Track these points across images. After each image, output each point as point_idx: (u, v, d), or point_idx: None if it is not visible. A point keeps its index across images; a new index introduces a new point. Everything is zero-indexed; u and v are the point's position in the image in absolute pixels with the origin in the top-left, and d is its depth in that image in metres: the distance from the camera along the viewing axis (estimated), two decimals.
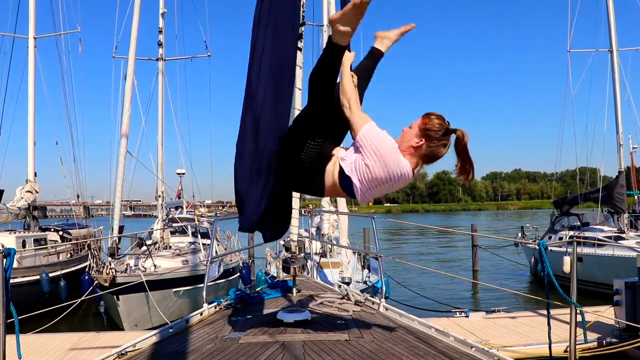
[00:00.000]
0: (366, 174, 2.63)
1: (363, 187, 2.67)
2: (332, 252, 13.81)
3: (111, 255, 12.38)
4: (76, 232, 18.92)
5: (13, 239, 15.10)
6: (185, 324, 4.31)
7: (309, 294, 5.13)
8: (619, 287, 7.47)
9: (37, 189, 17.61)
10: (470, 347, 3.58)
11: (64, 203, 25.82)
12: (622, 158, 17.94)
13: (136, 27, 14.40)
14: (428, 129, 2.67)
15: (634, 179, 24.03)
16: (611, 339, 7.23)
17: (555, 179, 27.78)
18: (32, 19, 18.29)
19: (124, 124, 13.97)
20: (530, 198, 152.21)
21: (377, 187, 2.67)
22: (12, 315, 3.15)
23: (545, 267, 3.84)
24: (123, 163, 13.69)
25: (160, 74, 18.55)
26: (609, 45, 18.38)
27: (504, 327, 8.24)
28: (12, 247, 3.70)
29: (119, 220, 13.86)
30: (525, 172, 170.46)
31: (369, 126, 2.63)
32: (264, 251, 16.13)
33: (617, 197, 17.30)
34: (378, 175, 2.62)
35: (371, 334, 3.81)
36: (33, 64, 18.24)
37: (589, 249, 15.40)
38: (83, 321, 13.15)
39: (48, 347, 7.82)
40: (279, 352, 3.27)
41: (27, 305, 7.51)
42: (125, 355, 3.54)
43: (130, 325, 11.59)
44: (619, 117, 17.97)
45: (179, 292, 12.79)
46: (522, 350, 7.06)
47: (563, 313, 7.11)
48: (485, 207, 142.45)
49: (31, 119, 18.18)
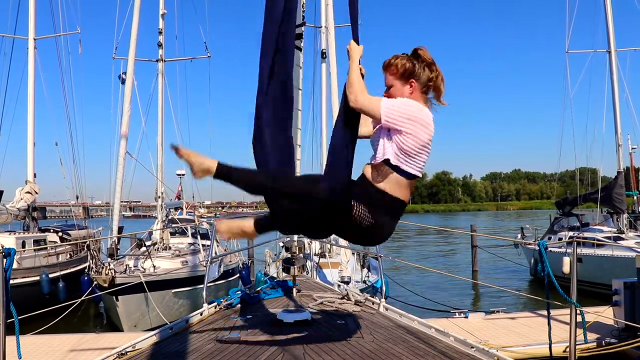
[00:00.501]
0: (412, 144, 2.60)
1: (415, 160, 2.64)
2: (332, 252, 13.81)
3: (110, 256, 12.38)
4: (75, 233, 18.90)
5: (13, 239, 15.10)
6: (185, 324, 4.31)
7: (309, 294, 5.13)
8: (618, 287, 7.47)
9: (36, 190, 17.60)
10: (471, 348, 3.58)
11: (64, 204, 25.84)
12: (621, 158, 17.95)
13: (136, 28, 14.42)
14: (402, 71, 2.71)
15: (634, 179, 24.06)
16: (610, 339, 7.23)
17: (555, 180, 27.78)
18: (32, 20, 18.30)
19: (124, 125, 13.99)
20: (530, 198, 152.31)
21: (424, 147, 2.65)
22: (12, 315, 3.15)
23: (545, 267, 3.84)
24: (122, 164, 13.70)
25: (160, 75, 18.55)
26: (607, 46, 18.39)
27: (503, 328, 8.23)
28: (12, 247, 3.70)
29: (118, 221, 13.87)
30: (525, 173, 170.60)
31: (385, 102, 2.63)
32: (264, 252, 16.14)
33: (616, 197, 17.31)
34: (423, 138, 2.61)
35: (371, 334, 3.81)
36: (33, 65, 18.25)
37: (588, 250, 15.41)
38: (82, 322, 13.13)
39: (47, 348, 7.81)
40: (279, 352, 3.27)
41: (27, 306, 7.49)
42: (125, 355, 3.54)
43: (129, 326, 11.57)
44: (617, 117, 17.99)
45: (179, 292, 12.79)
46: (521, 350, 7.06)
47: (562, 314, 7.11)
48: (484, 207, 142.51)
49: (31, 120, 18.19)
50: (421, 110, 2.65)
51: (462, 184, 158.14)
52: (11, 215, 16.69)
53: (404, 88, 2.71)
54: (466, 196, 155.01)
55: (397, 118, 2.59)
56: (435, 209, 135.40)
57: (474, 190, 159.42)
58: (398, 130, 2.60)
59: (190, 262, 13.89)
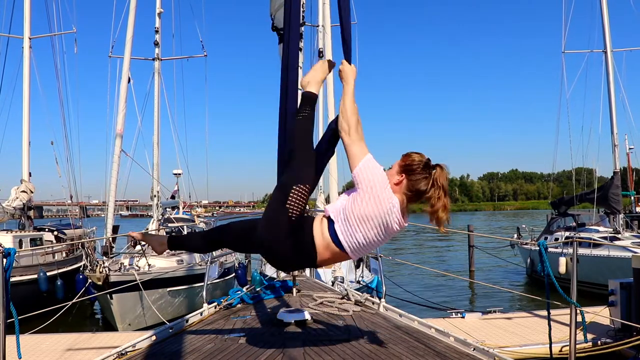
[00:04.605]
0: (354, 210, 2.45)
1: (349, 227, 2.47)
2: None
3: (105, 255, 12.35)
4: (71, 232, 18.88)
5: (10, 238, 15.09)
6: (185, 324, 4.30)
7: (309, 294, 5.13)
8: (614, 287, 7.51)
9: (31, 189, 17.55)
10: (471, 348, 3.59)
11: (60, 203, 25.75)
12: (618, 159, 18.01)
13: (132, 27, 14.38)
14: (407, 164, 2.54)
15: (631, 180, 24.16)
16: (606, 339, 7.26)
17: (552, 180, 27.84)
18: (28, 19, 18.21)
19: (119, 124, 13.94)
20: (527, 198, 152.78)
21: (364, 223, 2.45)
22: (12, 315, 3.14)
23: (545, 267, 3.86)
24: (117, 163, 13.65)
25: (156, 73, 18.53)
26: (603, 46, 18.48)
27: (500, 328, 8.26)
28: (9, 246, 3.68)
29: (113, 220, 13.82)
30: (522, 173, 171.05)
31: (366, 159, 2.48)
32: None
33: (612, 197, 17.38)
34: (367, 212, 2.44)
35: (371, 334, 3.81)
36: (28, 64, 18.17)
37: (585, 250, 15.46)
38: (78, 321, 13.09)
39: (44, 347, 7.78)
40: (279, 352, 3.27)
41: (26, 305, 7.47)
42: (125, 355, 3.54)
43: (124, 325, 11.55)
44: (613, 117, 18.07)
45: (174, 291, 12.77)
46: (518, 350, 7.08)
47: (559, 313, 7.15)
48: (481, 207, 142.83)
49: (26, 119, 18.12)
50: (390, 195, 2.47)
51: (460, 183, 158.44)
52: (7, 214, 16.66)
53: (395, 176, 2.54)
54: (463, 196, 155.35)
55: (362, 180, 2.46)
56: None
57: (471, 190, 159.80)
58: (356, 189, 2.48)
59: (185, 261, 13.87)
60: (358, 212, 2.45)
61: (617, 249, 14.94)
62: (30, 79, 18.19)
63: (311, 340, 3.58)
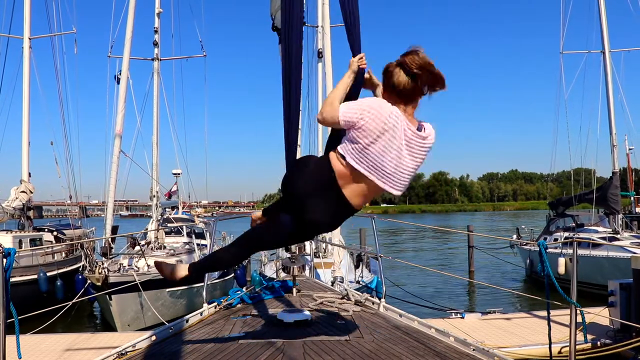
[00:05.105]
0: (355, 132, 2.46)
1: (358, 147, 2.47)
2: (326, 252, 13.81)
3: (104, 255, 12.34)
4: (70, 232, 18.86)
5: (10, 238, 15.08)
6: (185, 324, 4.30)
7: (309, 294, 5.13)
8: (614, 288, 7.51)
9: (31, 189, 17.55)
10: (471, 349, 3.59)
11: (60, 203, 25.75)
12: (617, 159, 18.02)
13: (131, 27, 14.37)
14: (383, 82, 2.59)
15: (630, 180, 24.14)
16: (605, 340, 7.27)
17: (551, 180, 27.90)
18: (27, 19, 18.22)
19: (118, 124, 13.93)
20: (527, 199, 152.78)
21: (374, 142, 2.44)
22: (12, 315, 3.13)
23: (545, 267, 3.86)
24: (116, 163, 13.64)
25: (155, 73, 18.54)
26: (601, 47, 18.49)
27: (499, 328, 8.27)
28: (9, 246, 3.68)
29: (112, 220, 13.81)
30: (522, 173, 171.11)
31: (342, 105, 2.55)
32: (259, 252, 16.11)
33: (611, 198, 17.38)
34: (368, 126, 2.43)
35: (371, 334, 3.81)
36: (28, 64, 18.18)
37: (584, 250, 15.46)
38: (77, 321, 13.10)
39: (44, 347, 7.79)
40: (279, 352, 3.27)
41: (26, 305, 7.46)
42: (125, 355, 3.53)
43: (123, 325, 11.55)
44: (612, 118, 18.08)
45: (174, 292, 12.76)
46: (517, 351, 7.09)
47: (559, 314, 7.15)
48: (481, 207, 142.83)
49: (26, 119, 18.12)
50: (376, 101, 2.52)
51: (459, 184, 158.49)
52: (7, 214, 16.66)
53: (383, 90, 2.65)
54: (463, 196, 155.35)
55: (350, 113, 2.48)
56: (432, 209, 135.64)
57: (471, 191, 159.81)
58: (353, 123, 2.47)
59: (185, 261, 13.84)
60: (361, 130, 2.45)
61: (616, 249, 14.94)
62: (30, 79, 18.22)
63: (311, 340, 3.58)
